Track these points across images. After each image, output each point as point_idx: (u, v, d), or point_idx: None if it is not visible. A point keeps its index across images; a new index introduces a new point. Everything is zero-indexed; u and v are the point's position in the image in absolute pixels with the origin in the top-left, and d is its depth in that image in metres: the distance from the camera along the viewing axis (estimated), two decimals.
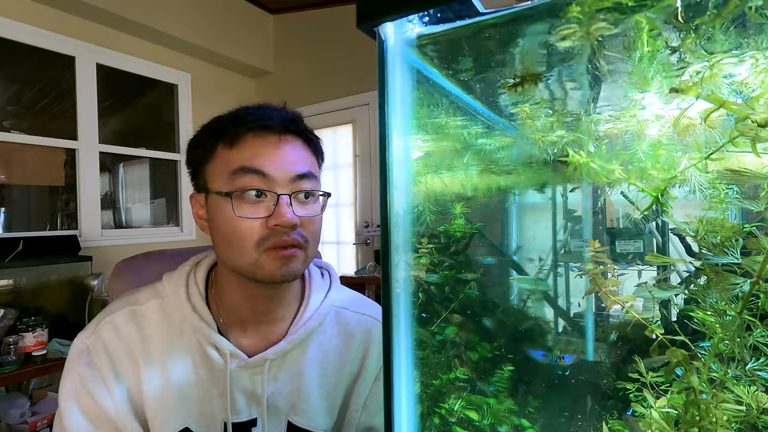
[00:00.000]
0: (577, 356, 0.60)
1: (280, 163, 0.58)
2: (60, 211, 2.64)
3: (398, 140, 0.40)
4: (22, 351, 1.84)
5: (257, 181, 0.56)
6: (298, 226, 0.57)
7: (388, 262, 0.40)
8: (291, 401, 0.64)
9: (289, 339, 0.63)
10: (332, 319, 0.69)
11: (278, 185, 0.57)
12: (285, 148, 0.59)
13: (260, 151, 0.57)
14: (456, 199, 0.67)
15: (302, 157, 0.60)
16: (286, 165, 0.58)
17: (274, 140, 0.59)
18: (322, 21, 3.24)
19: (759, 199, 0.32)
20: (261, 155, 0.57)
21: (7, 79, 2.43)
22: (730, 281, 0.32)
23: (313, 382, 0.65)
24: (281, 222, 0.55)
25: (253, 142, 0.58)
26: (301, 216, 0.58)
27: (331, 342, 0.68)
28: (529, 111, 0.50)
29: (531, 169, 0.66)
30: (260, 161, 0.57)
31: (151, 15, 2.73)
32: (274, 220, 0.56)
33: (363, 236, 3.09)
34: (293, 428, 0.64)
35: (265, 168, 0.56)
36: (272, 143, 0.58)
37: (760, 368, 0.33)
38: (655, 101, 0.39)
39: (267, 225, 0.56)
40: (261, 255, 0.57)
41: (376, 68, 0.39)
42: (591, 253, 0.42)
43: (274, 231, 0.56)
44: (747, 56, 0.29)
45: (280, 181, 0.57)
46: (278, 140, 0.59)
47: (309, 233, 0.60)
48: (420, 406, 0.47)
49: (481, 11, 0.36)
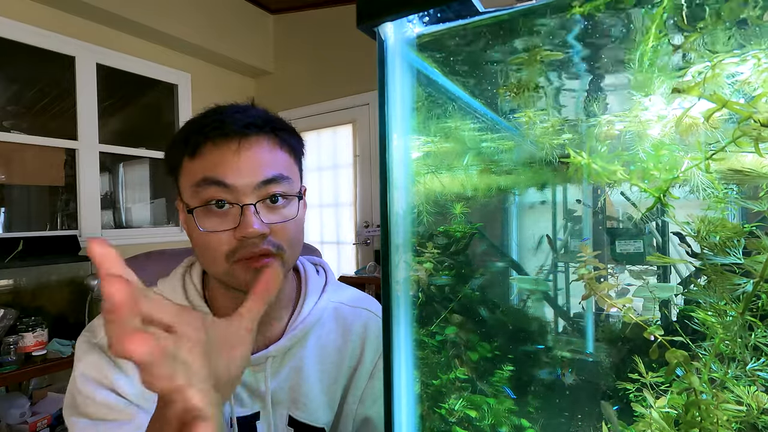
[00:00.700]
0: (574, 374, 0.60)
1: (242, 170, 0.55)
2: (60, 211, 2.64)
3: (398, 140, 0.40)
4: (22, 351, 1.84)
5: (220, 192, 0.55)
6: (268, 234, 0.55)
7: (388, 262, 0.40)
8: (292, 396, 0.65)
9: (289, 335, 0.64)
10: (330, 314, 0.70)
11: (242, 194, 0.55)
12: (247, 153, 0.56)
13: (219, 161, 0.55)
14: (456, 200, 0.67)
15: (268, 159, 0.57)
16: (248, 172, 0.55)
17: (234, 147, 0.56)
18: (322, 21, 3.24)
19: (761, 200, 0.32)
20: (220, 164, 0.55)
21: (7, 79, 2.43)
22: (732, 281, 0.32)
23: (312, 377, 0.66)
24: (247, 234, 0.54)
25: (212, 152, 0.56)
26: (272, 223, 0.56)
27: (330, 337, 0.69)
28: (533, 116, 0.50)
29: (531, 169, 0.66)
30: (221, 171, 0.54)
31: (151, 15, 2.73)
32: (240, 232, 0.54)
33: (363, 236, 3.09)
34: (294, 422, 0.65)
35: (226, 178, 0.54)
36: (231, 150, 0.55)
37: (760, 368, 0.33)
38: (657, 101, 0.39)
39: (235, 236, 0.55)
40: (232, 266, 0.56)
41: (376, 68, 0.39)
42: (584, 258, 0.42)
43: (243, 243, 0.55)
44: (749, 56, 0.29)
45: (243, 190, 0.55)
46: (238, 146, 0.56)
47: (284, 239, 0.57)
48: (420, 406, 0.47)
49: (480, 11, 0.36)
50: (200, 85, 3.24)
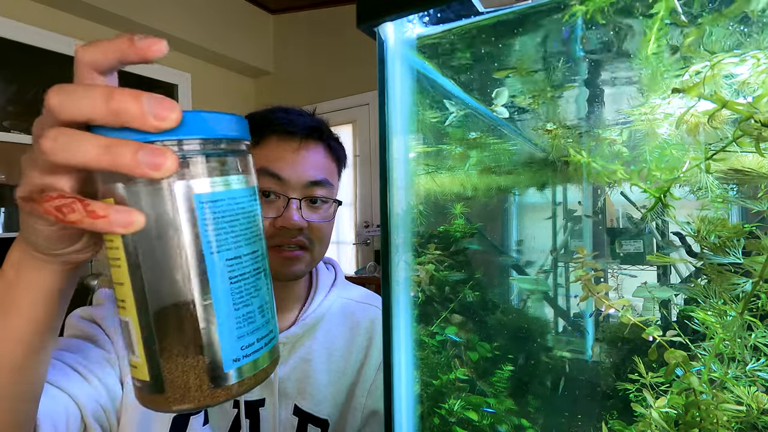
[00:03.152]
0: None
1: (297, 168, 0.61)
2: None
3: (398, 140, 0.40)
4: None
5: (272, 184, 0.60)
6: (304, 229, 0.60)
7: (388, 262, 0.40)
8: (299, 386, 0.66)
9: (301, 323, 0.67)
10: (338, 309, 0.73)
11: (291, 189, 0.60)
12: (304, 154, 0.62)
13: (280, 155, 0.61)
14: (455, 200, 0.67)
15: (320, 164, 0.64)
16: (302, 171, 0.61)
17: (295, 145, 0.62)
18: (322, 21, 3.23)
19: (761, 200, 0.32)
20: (280, 159, 0.60)
21: (7, 79, 2.43)
22: (732, 281, 0.32)
23: (320, 369, 0.67)
24: (287, 224, 0.58)
25: (275, 146, 0.61)
26: (310, 220, 0.61)
27: (338, 330, 0.71)
28: (552, 129, 0.50)
29: (531, 169, 0.66)
30: (279, 165, 0.60)
31: (151, 15, 2.73)
32: (281, 222, 0.59)
33: (363, 236, 3.09)
34: (299, 412, 0.65)
35: (282, 172, 0.60)
36: (293, 148, 0.61)
37: (760, 368, 0.33)
38: (658, 101, 0.39)
39: (275, 225, 0.59)
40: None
41: (376, 68, 0.39)
42: (580, 260, 0.42)
43: (281, 231, 0.59)
44: (748, 56, 0.29)
45: (293, 185, 0.60)
46: (298, 146, 0.62)
47: (316, 237, 0.63)
48: (420, 406, 0.47)
49: (480, 11, 0.36)
50: (200, 85, 3.24)
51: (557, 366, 0.63)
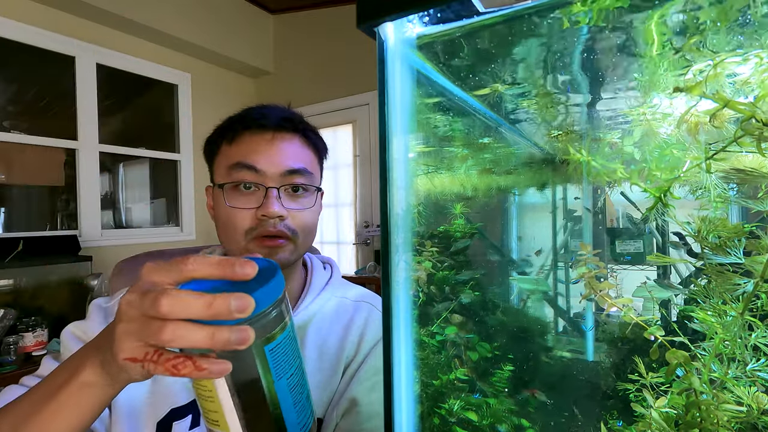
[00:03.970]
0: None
1: (272, 158, 0.62)
2: (60, 211, 2.64)
3: (398, 140, 0.40)
4: (22, 351, 1.84)
5: (250, 175, 0.61)
6: (285, 217, 0.62)
7: (388, 262, 0.40)
8: None
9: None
10: (332, 308, 0.72)
11: (269, 179, 0.62)
12: (278, 144, 0.63)
13: (254, 148, 0.62)
14: (455, 200, 0.67)
15: (296, 153, 0.64)
16: (277, 160, 0.62)
17: (268, 137, 0.63)
18: (322, 21, 3.23)
19: (762, 200, 0.32)
20: (255, 151, 0.62)
21: (7, 79, 2.43)
22: (732, 281, 0.32)
23: (311, 369, 0.66)
24: (267, 213, 0.60)
25: (249, 140, 0.63)
26: (291, 208, 0.63)
27: (331, 329, 0.70)
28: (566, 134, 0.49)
29: (531, 169, 0.66)
30: (254, 157, 0.62)
31: (151, 15, 2.73)
32: (261, 211, 0.61)
33: (363, 236, 3.09)
34: None
35: (257, 164, 0.61)
36: (266, 140, 0.63)
37: (760, 369, 0.33)
38: (659, 100, 0.39)
39: (256, 215, 0.61)
40: (249, 243, 0.61)
41: (376, 68, 0.39)
42: (584, 258, 0.42)
43: (262, 221, 0.61)
44: (751, 55, 0.29)
45: (270, 176, 0.62)
46: (272, 137, 0.63)
47: (298, 225, 0.64)
48: (420, 406, 0.47)
49: (480, 11, 0.36)
50: (200, 85, 3.24)
51: (557, 366, 0.63)
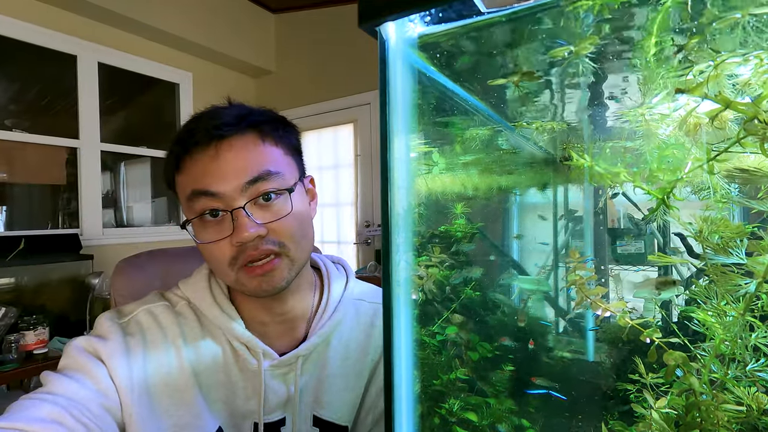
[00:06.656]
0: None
1: (224, 175, 0.53)
2: (61, 210, 2.65)
3: (399, 140, 0.40)
4: (24, 349, 1.84)
5: (210, 202, 0.54)
6: (266, 234, 0.54)
7: (388, 261, 0.40)
8: (315, 395, 0.64)
9: (319, 332, 0.63)
10: (351, 312, 0.69)
11: (231, 199, 0.53)
12: (225, 156, 0.54)
13: (201, 171, 0.54)
14: (456, 200, 0.67)
15: (251, 157, 0.55)
16: (231, 175, 0.53)
17: (211, 153, 0.54)
18: (324, 20, 3.23)
19: (763, 200, 0.32)
20: (202, 174, 0.54)
21: (9, 78, 2.44)
22: (734, 282, 0.32)
23: (335, 375, 0.65)
24: (241, 239, 0.52)
25: (192, 163, 0.55)
26: (268, 222, 0.54)
27: (352, 334, 0.68)
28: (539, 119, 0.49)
29: (533, 169, 0.66)
30: (205, 181, 0.53)
31: (152, 14, 2.73)
32: (235, 238, 0.53)
33: (364, 236, 3.09)
34: (318, 421, 0.64)
35: (210, 187, 0.53)
36: (209, 157, 0.54)
37: (760, 369, 0.33)
38: (659, 101, 0.39)
39: (232, 243, 0.53)
40: (238, 273, 0.55)
41: (378, 68, 0.39)
42: (573, 264, 0.42)
43: (242, 248, 0.54)
44: (752, 56, 0.29)
45: (231, 195, 0.53)
46: (215, 152, 0.54)
47: (285, 236, 0.56)
48: (421, 406, 0.47)
49: (482, 11, 0.36)
50: (201, 84, 3.24)
51: (557, 366, 0.63)
